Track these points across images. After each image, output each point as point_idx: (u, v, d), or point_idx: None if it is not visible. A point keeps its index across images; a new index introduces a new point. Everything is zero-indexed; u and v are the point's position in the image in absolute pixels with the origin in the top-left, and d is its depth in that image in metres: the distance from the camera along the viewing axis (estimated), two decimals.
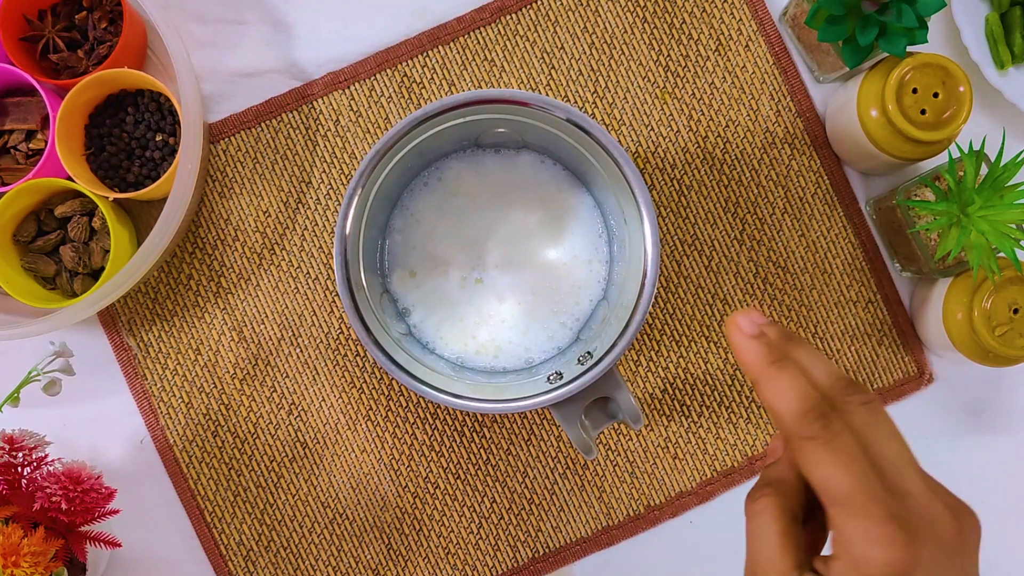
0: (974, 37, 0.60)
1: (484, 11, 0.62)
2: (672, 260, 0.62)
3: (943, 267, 0.57)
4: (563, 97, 0.62)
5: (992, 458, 0.63)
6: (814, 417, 0.33)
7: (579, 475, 0.62)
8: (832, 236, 0.63)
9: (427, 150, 0.55)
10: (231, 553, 0.61)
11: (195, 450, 0.61)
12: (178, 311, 0.62)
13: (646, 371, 0.62)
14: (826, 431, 0.33)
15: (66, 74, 0.59)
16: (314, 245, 0.62)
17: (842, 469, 0.32)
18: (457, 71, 0.62)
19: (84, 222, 0.58)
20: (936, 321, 0.59)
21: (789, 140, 0.63)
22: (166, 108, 0.59)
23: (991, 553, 0.65)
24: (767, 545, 0.34)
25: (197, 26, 0.62)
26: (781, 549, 0.33)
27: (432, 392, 0.51)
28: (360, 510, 0.62)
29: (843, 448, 0.32)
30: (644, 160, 0.62)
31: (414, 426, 0.62)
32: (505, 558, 0.62)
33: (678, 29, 0.63)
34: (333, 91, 0.62)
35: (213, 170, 0.62)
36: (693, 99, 0.63)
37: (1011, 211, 0.53)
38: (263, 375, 0.62)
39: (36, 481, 0.52)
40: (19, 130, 0.59)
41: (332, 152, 0.62)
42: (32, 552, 0.49)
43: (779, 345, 0.35)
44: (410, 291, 0.58)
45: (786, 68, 0.63)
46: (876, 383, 0.63)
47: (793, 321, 0.62)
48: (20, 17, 0.59)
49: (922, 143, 0.55)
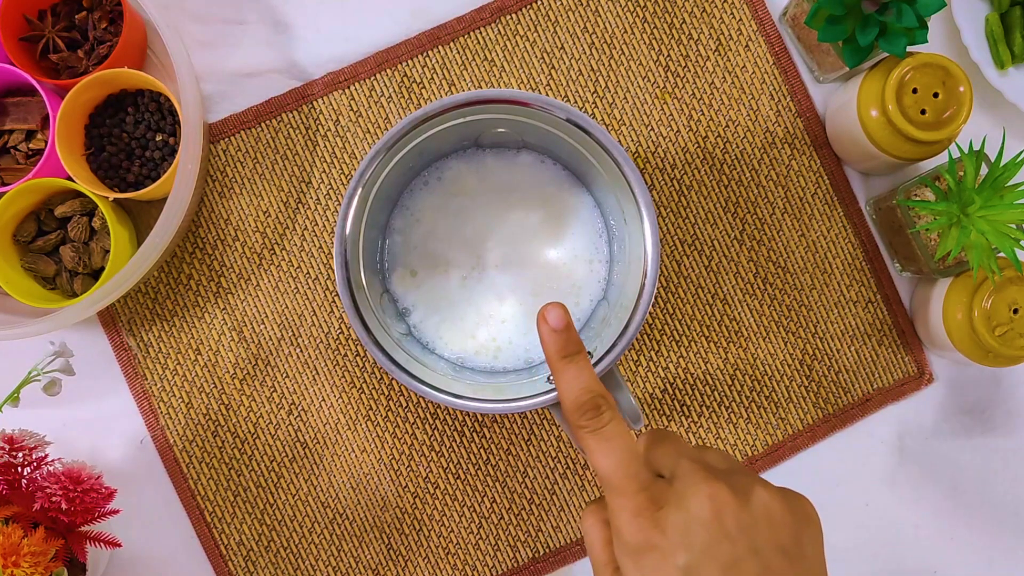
0: (974, 37, 0.60)
1: (484, 11, 0.62)
2: (672, 260, 0.62)
3: (943, 267, 0.57)
4: (563, 97, 0.62)
5: (992, 458, 0.63)
6: (586, 409, 0.38)
7: (579, 475, 0.62)
8: (832, 236, 0.63)
9: (427, 150, 0.55)
10: (231, 553, 0.61)
11: (195, 450, 0.61)
12: (178, 311, 0.62)
13: (646, 371, 0.62)
14: (595, 421, 0.38)
15: (66, 74, 0.59)
16: (314, 245, 0.62)
17: (605, 454, 0.37)
18: (457, 71, 0.62)
19: (84, 222, 0.58)
20: (936, 321, 0.59)
21: (789, 140, 0.63)
22: (166, 108, 0.59)
23: (991, 553, 0.65)
24: (595, 550, 0.38)
25: (197, 26, 0.62)
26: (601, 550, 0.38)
27: (432, 392, 0.51)
28: (360, 510, 0.62)
29: (607, 435, 0.37)
30: (644, 160, 0.62)
31: (414, 426, 0.62)
32: (505, 558, 0.62)
33: (678, 29, 0.63)
34: (333, 91, 0.62)
35: (213, 170, 0.62)
36: (693, 99, 0.63)
37: (1011, 211, 0.53)
38: (263, 375, 0.62)
39: (36, 481, 0.52)
40: (19, 130, 0.59)
41: (332, 152, 0.62)
42: (32, 552, 0.49)
43: (575, 340, 0.40)
44: (410, 291, 0.58)
45: (786, 68, 0.63)
46: (876, 383, 0.63)
47: (793, 321, 0.62)
48: (20, 17, 0.59)
49: (922, 143, 0.55)
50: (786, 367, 0.62)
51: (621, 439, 0.37)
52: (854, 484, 0.63)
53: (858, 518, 0.63)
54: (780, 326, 0.62)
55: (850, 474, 0.63)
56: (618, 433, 0.37)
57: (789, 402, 0.62)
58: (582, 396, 0.39)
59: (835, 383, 0.63)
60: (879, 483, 0.63)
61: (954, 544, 0.63)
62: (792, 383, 0.62)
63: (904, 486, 0.63)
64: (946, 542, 0.63)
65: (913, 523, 0.63)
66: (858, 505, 0.63)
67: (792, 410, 0.63)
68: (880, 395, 0.63)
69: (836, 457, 0.63)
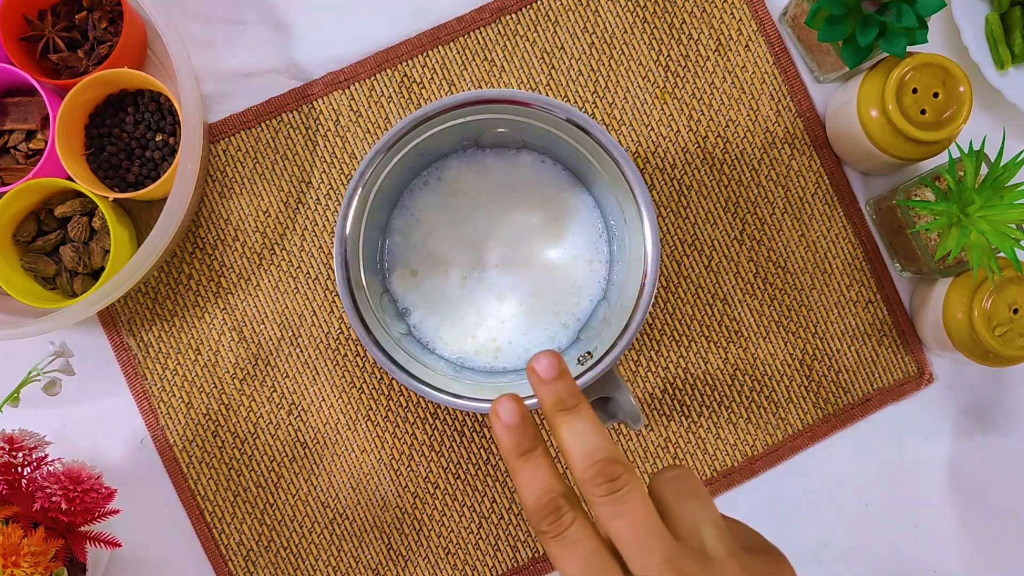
0: (974, 37, 0.60)
1: (484, 11, 0.62)
2: (672, 260, 0.62)
3: (943, 267, 0.57)
4: (563, 97, 0.62)
5: (992, 458, 0.63)
6: (546, 512, 0.34)
7: None
8: (832, 236, 0.63)
9: (427, 150, 0.55)
10: (231, 553, 0.61)
11: (195, 450, 0.61)
12: (178, 311, 0.62)
13: (646, 371, 0.62)
14: (555, 526, 0.34)
15: (66, 74, 0.59)
16: (314, 245, 0.62)
17: (568, 561, 0.34)
18: (457, 71, 0.62)
19: (84, 222, 0.58)
20: (936, 321, 0.59)
21: (789, 140, 0.63)
22: (166, 108, 0.59)
23: (992, 553, 0.65)
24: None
25: (197, 26, 0.62)
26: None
27: (432, 392, 0.51)
28: (360, 510, 0.62)
29: (569, 541, 0.34)
30: (644, 160, 0.62)
31: (414, 426, 0.62)
32: (505, 558, 0.62)
33: (678, 29, 0.63)
34: (333, 91, 0.62)
35: (213, 170, 0.62)
36: (693, 99, 0.63)
37: (1011, 211, 0.53)
38: (263, 375, 0.62)
39: (36, 481, 0.52)
40: (19, 130, 0.59)
41: (332, 152, 0.62)
42: (32, 552, 0.49)
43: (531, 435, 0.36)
44: (410, 291, 0.58)
45: (786, 68, 0.63)
46: (876, 383, 0.63)
47: (793, 321, 0.62)
48: (20, 17, 0.59)
49: (922, 143, 0.55)
50: (786, 367, 0.62)
51: (589, 544, 0.34)
52: (854, 484, 0.63)
53: (858, 518, 0.63)
54: (780, 326, 0.62)
55: (850, 474, 0.63)
56: (585, 536, 0.34)
57: (789, 402, 0.62)
58: (542, 497, 0.34)
59: (835, 383, 0.63)
60: (879, 483, 0.63)
61: (954, 544, 0.63)
62: (792, 383, 0.62)
63: (904, 486, 0.63)
64: (946, 542, 0.63)
65: (913, 523, 0.63)
66: (858, 505, 0.63)
67: (792, 410, 0.63)
68: (880, 395, 0.63)
69: (836, 457, 0.63)
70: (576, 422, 0.35)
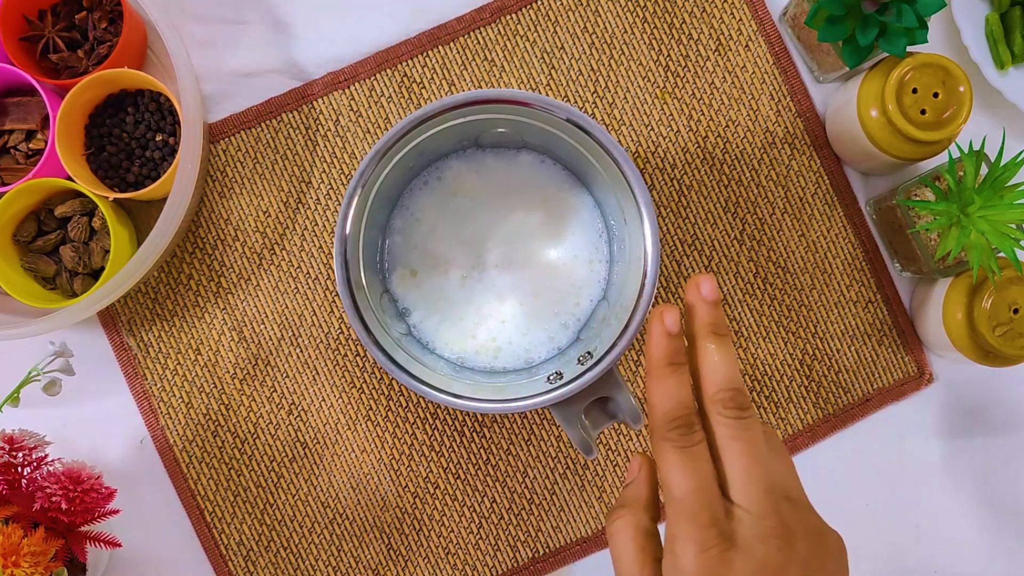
0: (974, 37, 0.60)
1: (484, 11, 0.62)
2: (672, 260, 0.62)
3: (943, 267, 0.57)
4: (563, 97, 0.62)
5: (992, 458, 0.63)
6: (679, 424, 0.36)
7: (579, 475, 0.62)
8: (832, 236, 0.63)
9: (427, 150, 0.55)
10: (231, 553, 0.61)
11: (195, 450, 0.61)
12: (178, 311, 0.62)
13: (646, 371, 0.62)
14: (684, 439, 0.36)
15: (66, 74, 0.59)
16: (314, 245, 0.62)
17: (685, 474, 0.35)
18: (457, 71, 0.62)
19: (84, 222, 0.58)
20: (936, 321, 0.59)
21: (789, 140, 0.63)
22: (166, 108, 0.59)
23: (991, 553, 0.65)
24: (627, 563, 0.37)
25: (197, 26, 0.62)
26: (640, 565, 0.36)
27: (432, 392, 0.51)
28: (360, 510, 0.62)
29: (692, 456, 0.36)
30: (644, 160, 0.62)
31: (414, 426, 0.62)
32: (505, 558, 0.62)
33: (678, 29, 0.63)
34: (333, 91, 0.62)
35: (213, 170, 0.62)
36: (693, 99, 0.63)
37: (1011, 211, 0.53)
38: (263, 375, 0.62)
39: (36, 481, 0.52)
40: (19, 130, 0.59)
41: (332, 152, 0.62)
42: (32, 552, 0.49)
43: (684, 350, 0.38)
44: (410, 291, 0.58)
45: (786, 68, 0.63)
46: (876, 383, 0.63)
47: (793, 321, 0.62)
48: (20, 17, 0.59)
49: (922, 143, 0.55)
50: (786, 367, 0.62)
51: (707, 465, 0.36)
52: (854, 484, 0.63)
53: (858, 518, 0.63)
54: (780, 326, 0.62)
55: (850, 474, 0.63)
56: (706, 458, 0.36)
57: (789, 402, 0.62)
58: (678, 410, 0.36)
59: (835, 383, 0.63)
60: (879, 483, 0.63)
61: (954, 544, 0.63)
62: (792, 383, 0.62)
63: (904, 486, 0.63)
64: (946, 542, 0.63)
65: (913, 523, 0.63)
66: (858, 505, 0.63)
67: (792, 410, 0.63)
68: (880, 395, 0.63)
69: (836, 457, 0.63)
70: (725, 348, 0.37)
